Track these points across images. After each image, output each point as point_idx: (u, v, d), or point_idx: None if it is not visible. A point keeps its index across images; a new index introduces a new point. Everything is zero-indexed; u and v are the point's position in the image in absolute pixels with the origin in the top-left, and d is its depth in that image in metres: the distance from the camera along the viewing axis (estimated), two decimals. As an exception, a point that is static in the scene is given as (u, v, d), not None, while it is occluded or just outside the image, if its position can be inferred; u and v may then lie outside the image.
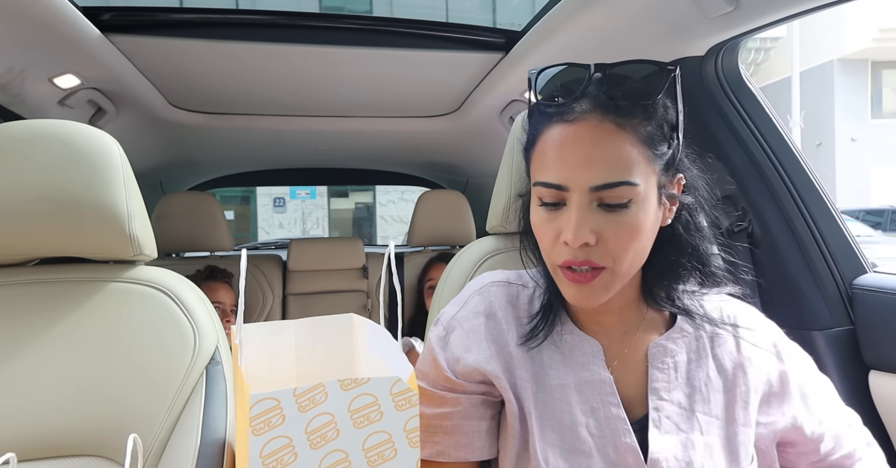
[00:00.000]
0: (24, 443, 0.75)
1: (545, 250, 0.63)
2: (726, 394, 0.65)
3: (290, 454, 0.52)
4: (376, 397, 0.54)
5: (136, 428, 0.75)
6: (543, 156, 0.60)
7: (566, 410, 0.63)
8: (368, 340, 0.70)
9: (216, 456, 0.75)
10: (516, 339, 0.67)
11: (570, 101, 0.59)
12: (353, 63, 1.53)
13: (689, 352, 0.67)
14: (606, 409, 0.63)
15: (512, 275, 0.73)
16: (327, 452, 0.53)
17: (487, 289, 0.71)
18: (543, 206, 0.61)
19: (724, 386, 0.66)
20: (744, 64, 1.21)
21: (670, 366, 0.66)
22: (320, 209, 13.47)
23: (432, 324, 0.72)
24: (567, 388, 0.64)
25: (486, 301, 0.70)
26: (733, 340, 0.68)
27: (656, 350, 0.66)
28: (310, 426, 0.52)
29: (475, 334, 0.67)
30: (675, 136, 0.61)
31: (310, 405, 0.52)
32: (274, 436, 0.51)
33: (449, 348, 0.68)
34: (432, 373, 0.68)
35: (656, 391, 0.64)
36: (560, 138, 0.59)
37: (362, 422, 0.54)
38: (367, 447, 0.54)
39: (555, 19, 1.20)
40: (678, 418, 0.63)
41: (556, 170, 0.58)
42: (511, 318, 0.68)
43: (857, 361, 1.10)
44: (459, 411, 0.66)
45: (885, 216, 8.42)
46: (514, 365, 0.66)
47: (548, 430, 0.63)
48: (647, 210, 0.58)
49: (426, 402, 0.67)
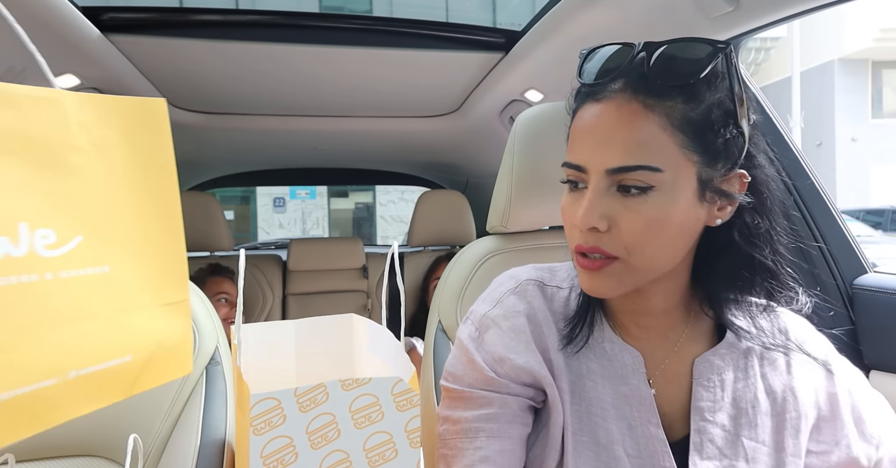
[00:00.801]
0: (23, 443, 0.75)
1: (566, 234, 0.59)
2: (775, 418, 0.59)
3: (291, 454, 0.52)
4: (377, 397, 0.54)
5: (136, 428, 0.75)
6: (573, 135, 0.58)
7: (602, 426, 0.59)
8: (369, 341, 0.70)
9: (216, 456, 0.75)
10: (557, 345, 0.62)
11: (606, 81, 0.55)
12: (353, 63, 1.53)
13: (737, 370, 0.61)
14: (645, 428, 0.58)
15: (545, 274, 0.68)
16: (328, 452, 0.53)
17: (524, 288, 0.66)
18: (568, 185, 0.58)
19: (773, 410, 0.60)
20: (744, 64, 1.21)
21: (717, 385, 0.60)
22: (320, 209, 13.47)
23: (461, 323, 0.67)
24: (604, 402, 0.60)
25: (525, 301, 0.64)
26: (784, 359, 0.62)
27: (703, 365, 0.60)
28: (311, 426, 0.52)
29: (519, 335, 0.62)
30: (732, 126, 0.53)
31: (311, 405, 0.52)
32: (275, 436, 0.51)
33: (486, 347, 0.62)
34: (469, 374, 0.62)
35: (700, 411, 0.59)
36: (587, 117, 0.56)
37: (363, 423, 0.54)
38: (368, 447, 0.54)
39: (555, 19, 1.20)
40: (722, 442, 0.58)
41: (578, 150, 0.56)
42: (551, 322, 0.63)
43: (857, 361, 1.10)
44: (506, 413, 0.59)
45: (885, 216, 8.41)
46: (555, 373, 0.61)
47: (581, 447, 0.58)
48: (675, 201, 0.53)
49: (465, 405, 0.61)
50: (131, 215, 0.49)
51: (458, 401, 0.62)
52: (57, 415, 0.43)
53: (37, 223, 0.42)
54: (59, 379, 0.42)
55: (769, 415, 0.59)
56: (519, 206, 0.94)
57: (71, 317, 0.43)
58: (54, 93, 0.44)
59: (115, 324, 0.47)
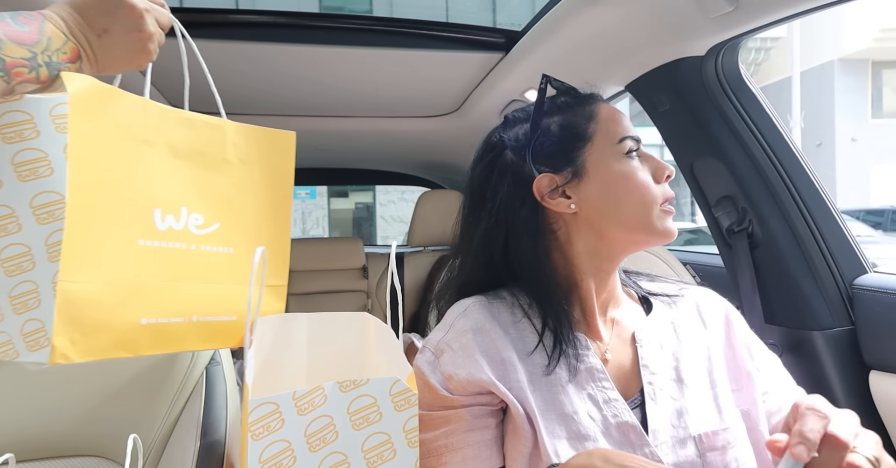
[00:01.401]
0: (24, 443, 0.75)
1: (644, 195, 0.70)
2: (706, 362, 0.72)
3: (290, 458, 0.52)
4: (375, 398, 0.54)
5: (136, 428, 0.75)
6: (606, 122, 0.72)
7: (566, 401, 0.66)
8: (378, 341, 0.70)
9: (216, 456, 0.75)
10: (509, 347, 0.69)
11: None
12: (353, 63, 1.53)
13: (668, 331, 0.74)
14: (602, 393, 0.67)
15: (489, 296, 0.76)
16: (326, 455, 0.53)
17: (470, 309, 0.73)
18: (631, 156, 0.71)
19: (702, 355, 0.73)
20: (744, 64, 1.21)
21: (655, 344, 0.72)
22: (320, 209, 13.47)
23: (420, 352, 0.74)
24: (562, 381, 0.67)
25: (471, 319, 0.72)
26: (698, 318, 0.77)
27: (641, 333, 0.73)
28: (309, 429, 0.52)
29: (465, 351, 0.69)
30: None
31: (309, 408, 0.52)
32: (273, 440, 0.51)
33: (439, 369, 0.69)
34: (426, 397, 0.68)
35: (647, 368, 0.70)
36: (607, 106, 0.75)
37: (361, 424, 0.54)
38: (366, 448, 0.54)
39: (555, 19, 1.20)
40: (670, 389, 0.68)
41: (625, 125, 0.72)
42: (498, 328, 0.71)
43: (857, 361, 1.10)
44: (462, 425, 0.66)
45: (885, 216, 8.40)
46: (507, 370, 0.67)
47: (552, 423, 0.65)
48: None
49: (426, 428, 0.67)
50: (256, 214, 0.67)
51: (422, 425, 0.66)
52: (182, 344, 0.60)
53: (193, 208, 0.61)
54: (185, 319, 0.59)
55: (701, 360, 0.72)
56: None
57: (201, 279, 0.61)
58: (221, 121, 0.66)
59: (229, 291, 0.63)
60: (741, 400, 0.71)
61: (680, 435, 0.65)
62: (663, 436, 0.65)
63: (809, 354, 1.11)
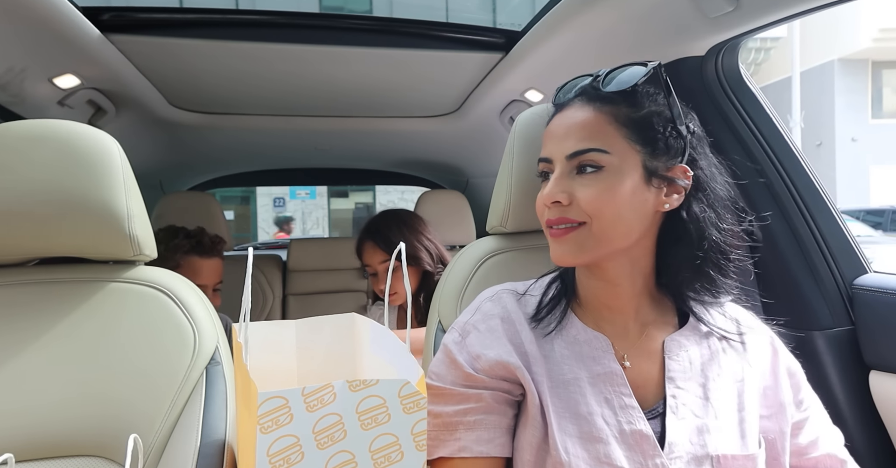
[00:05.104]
0: (24, 443, 0.75)
1: (539, 218, 0.72)
2: (737, 384, 0.71)
3: (297, 453, 0.52)
4: (384, 399, 0.54)
5: (136, 428, 0.75)
6: (544, 138, 0.72)
7: (581, 402, 0.67)
8: (371, 341, 0.70)
9: (216, 456, 0.75)
10: (531, 339, 0.71)
11: (569, 97, 0.72)
12: (352, 63, 1.53)
13: (702, 348, 0.72)
14: (619, 399, 0.67)
15: (520, 286, 0.79)
16: (334, 453, 0.53)
17: (499, 295, 0.76)
18: (542, 179, 0.72)
19: (734, 377, 0.71)
20: (744, 64, 1.21)
21: (685, 359, 0.71)
22: (320, 209, 13.47)
23: (447, 332, 0.76)
24: (581, 381, 0.68)
25: (500, 306, 0.75)
26: (738, 339, 0.74)
27: (672, 343, 0.71)
28: (317, 426, 0.52)
29: (493, 333, 0.71)
30: (671, 129, 0.68)
31: (318, 405, 0.52)
32: (281, 434, 0.51)
33: (467, 349, 0.71)
34: (451, 373, 0.70)
35: (673, 380, 0.69)
36: (553, 122, 0.72)
37: (370, 424, 0.54)
38: (373, 449, 0.54)
39: (555, 19, 1.20)
40: (694, 405, 0.68)
41: (546, 145, 0.71)
42: (524, 321, 0.73)
43: (857, 361, 1.10)
44: (482, 406, 0.67)
45: (885, 216, 8.40)
46: (529, 362, 0.70)
47: (565, 421, 0.66)
48: (622, 180, 0.66)
49: (446, 401, 0.68)
50: None
51: (440, 398, 0.69)
52: None
53: None
54: None
55: (732, 381, 0.71)
56: (519, 206, 0.94)
57: None
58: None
59: None
60: (769, 428, 0.70)
61: (698, 452, 0.65)
62: (679, 451, 0.65)
63: (809, 354, 1.11)
